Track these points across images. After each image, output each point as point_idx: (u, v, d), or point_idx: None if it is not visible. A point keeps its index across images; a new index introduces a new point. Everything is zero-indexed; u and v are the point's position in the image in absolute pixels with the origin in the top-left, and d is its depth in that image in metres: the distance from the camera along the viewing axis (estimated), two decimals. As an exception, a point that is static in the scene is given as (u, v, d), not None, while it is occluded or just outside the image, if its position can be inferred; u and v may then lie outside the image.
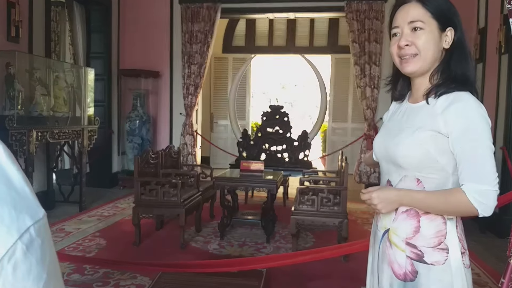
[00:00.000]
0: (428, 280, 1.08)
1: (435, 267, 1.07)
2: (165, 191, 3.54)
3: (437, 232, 1.08)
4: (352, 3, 5.74)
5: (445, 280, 1.07)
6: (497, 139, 4.25)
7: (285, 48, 8.43)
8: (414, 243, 1.10)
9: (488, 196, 0.99)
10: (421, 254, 1.09)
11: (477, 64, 4.86)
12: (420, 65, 1.12)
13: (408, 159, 1.09)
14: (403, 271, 1.11)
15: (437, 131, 1.05)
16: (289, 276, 2.94)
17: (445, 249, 1.08)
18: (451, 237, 1.08)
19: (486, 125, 1.03)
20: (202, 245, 3.64)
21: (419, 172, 1.09)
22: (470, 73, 1.11)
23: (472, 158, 1.02)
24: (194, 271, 2.52)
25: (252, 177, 3.87)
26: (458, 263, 1.08)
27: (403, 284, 1.12)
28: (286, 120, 5.74)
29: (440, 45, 1.11)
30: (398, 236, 1.13)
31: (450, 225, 1.09)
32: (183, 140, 6.22)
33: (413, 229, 1.10)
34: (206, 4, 6.07)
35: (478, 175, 1.00)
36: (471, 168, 1.01)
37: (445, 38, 1.11)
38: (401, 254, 1.12)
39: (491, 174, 1.01)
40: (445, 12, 1.11)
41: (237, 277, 2.60)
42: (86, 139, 4.80)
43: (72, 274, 2.89)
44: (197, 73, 6.17)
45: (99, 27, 6.03)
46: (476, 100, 1.06)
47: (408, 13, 1.11)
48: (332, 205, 3.37)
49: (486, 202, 0.99)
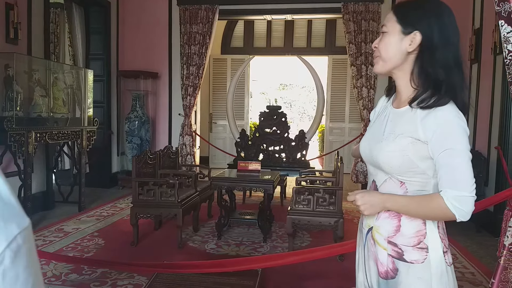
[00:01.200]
0: (408, 277, 1.12)
1: (414, 265, 1.11)
2: (163, 191, 3.58)
3: (417, 231, 1.12)
4: (348, 5, 5.77)
5: (424, 278, 1.11)
6: (492, 139, 4.29)
7: (283, 49, 8.47)
8: (395, 242, 1.14)
9: (465, 202, 1.03)
10: (401, 252, 1.13)
11: (472, 64, 4.90)
12: (381, 65, 1.17)
13: (390, 165, 1.13)
14: (385, 269, 1.16)
15: (417, 138, 1.09)
16: (285, 276, 2.97)
17: (425, 249, 1.12)
18: (432, 237, 1.12)
19: (463, 133, 1.06)
20: (199, 245, 3.68)
21: (401, 176, 1.13)
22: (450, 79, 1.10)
23: (449, 165, 1.05)
24: (189, 271, 2.56)
25: (249, 177, 3.91)
26: (438, 262, 1.11)
27: (385, 282, 1.16)
28: (283, 120, 5.78)
29: (401, 48, 1.13)
30: (381, 234, 1.17)
31: (430, 225, 1.13)
32: (182, 141, 6.26)
33: (394, 228, 1.15)
34: (205, 6, 6.11)
35: (456, 182, 1.04)
36: (448, 175, 1.05)
37: (408, 42, 1.12)
38: (383, 252, 1.16)
39: (468, 181, 1.04)
40: (409, 16, 1.13)
41: (232, 276, 2.63)
42: (85, 139, 4.84)
43: (70, 274, 2.93)
44: (195, 74, 6.21)
45: (98, 28, 6.07)
46: (455, 109, 1.08)
47: (384, 20, 1.20)
48: (328, 204, 3.40)
49: (463, 208, 1.03)
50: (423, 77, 1.13)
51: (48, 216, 4.51)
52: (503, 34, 1.48)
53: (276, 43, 8.56)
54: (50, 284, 2.78)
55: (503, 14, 1.47)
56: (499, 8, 1.47)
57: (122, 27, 6.39)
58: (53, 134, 4.27)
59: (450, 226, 4.44)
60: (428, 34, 1.10)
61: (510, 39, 1.46)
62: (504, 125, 3.98)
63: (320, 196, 3.40)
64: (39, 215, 4.47)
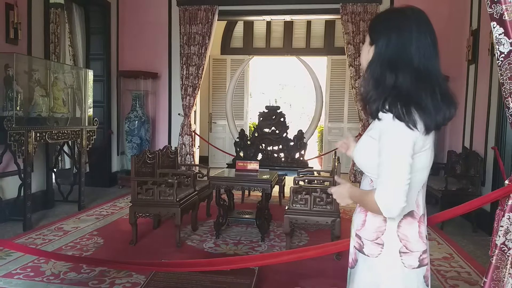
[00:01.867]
0: (362, 268, 1.22)
1: (369, 258, 1.21)
2: (161, 190, 3.60)
3: (377, 227, 1.21)
4: (347, 5, 5.80)
5: (374, 271, 1.20)
6: (488, 140, 4.31)
7: (282, 49, 8.50)
8: (360, 235, 1.25)
9: (388, 199, 1.09)
10: (362, 245, 1.23)
11: (469, 65, 4.92)
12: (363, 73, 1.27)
13: (359, 161, 1.25)
14: (351, 259, 1.29)
15: (372, 137, 1.18)
16: (282, 274, 3.00)
17: (381, 244, 1.19)
18: (389, 235, 1.19)
19: (401, 135, 1.09)
20: (197, 244, 3.70)
21: (369, 173, 1.23)
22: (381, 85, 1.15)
23: (382, 164, 1.12)
24: (186, 270, 2.58)
25: (247, 176, 3.93)
26: (392, 260, 1.18)
27: (349, 270, 1.30)
28: (282, 120, 5.81)
29: (367, 57, 1.23)
30: (354, 227, 1.29)
31: (390, 224, 1.19)
32: (181, 140, 6.29)
33: (362, 222, 1.25)
34: (204, 6, 6.13)
35: (384, 180, 1.10)
36: (380, 172, 1.12)
37: (371, 53, 1.21)
38: (352, 243, 1.29)
39: (396, 181, 1.09)
40: (374, 28, 1.22)
41: (229, 275, 2.66)
42: (85, 139, 4.87)
43: (69, 272, 2.95)
44: (195, 74, 6.23)
45: (98, 28, 6.09)
46: (390, 116, 1.10)
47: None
48: (325, 204, 3.42)
49: (387, 204, 1.09)
50: (364, 84, 1.21)
51: (48, 215, 4.53)
52: (495, 36, 1.50)
53: (275, 44, 8.59)
54: (49, 282, 2.80)
55: (495, 16, 1.49)
56: (491, 10, 1.49)
57: (122, 27, 6.42)
58: (53, 134, 4.29)
59: (447, 226, 4.43)
60: (380, 49, 1.17)
61: (502, 41, 1.49)
62: (501, 126, 4.00)
63: (317, 195, 3.43)
64: (39, 214, 4.50)
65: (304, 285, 2.85)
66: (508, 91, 1.52)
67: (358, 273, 1.22)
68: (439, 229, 4.23)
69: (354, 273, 1.25)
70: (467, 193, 4.24)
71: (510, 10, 1.45)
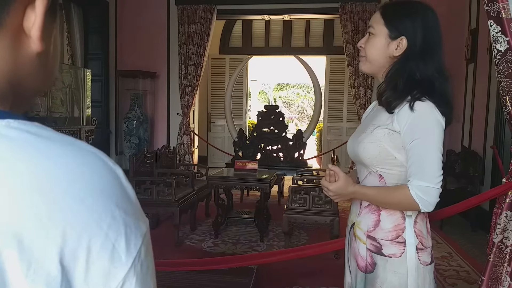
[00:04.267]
0: (385, 271, 1.14)
1: (392, 259, 1.14)
2: (160, 190, 3.60)
3: (395, 226, 1.15)
4: (346, 5, 5.80)
5: (400, 272, 1.13)
6: (487, 138, 4.31)
7: (281, 49, 8.49)
8: (374, 236, 1.17)
9: (429, 193, 1.06)
10: (380, 246, 1.16)
11: (468, 64, 4.92)
12: (367, 67, 1.21)
13: (368, 156, 1.16)
14: (365, 263, 1.18)
15: (392, 129, 1.12)
16: (281, 273, 3.00)
17: (403, 243, 1.14)
18: (409, 232, 1.14)
19: (436, 125, 1.08)
20: (196, 243, 3.70)
21: (380, 168, 1.16)
22: (419, 77, 1.13)
23: (417, 156, 1.08)
24: (183, 269, 2.57)
25: (245, 176, 3.94)
26: (412, 258, 1.14)
27: (364, 275, 1.18)
28: (281, 120, 5.81)
29: (387, 52, 1.17)
30: (361, 229, 1.20)
31: (408, 220, 1.15)
32: (180, 140, 6.28)
33: (374, 222, 1.17)
34: (203, 6, 6.13)
35: (422, 173, 1.07)
36: (416, 165, 1.08)
37: (395, 46, 1.15)
38: (363, 246, 1.19)
39: (435, 172, 1.07)
40: (397, 22, 1.16)
41: (228, 274, 2.65)
42: (83, 139, 4.86)
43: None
44: (193, 73, 6.23)
45: (96, 28, 6.08)
46: (428, 103, 1.09)
47: (371, 19, 1.22)
48: (324, 203, 3.43)
49: (427, 198, 1.06)
50: (388, 78, 1.16)
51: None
52: (492, 34, 1.50)
53: (274, 43, 8.58)
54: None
55: (492, 14, 1.49)
56: (488, 8, 1.49)
57: (120, 26, 6.41)
58: (51, 134, 4.28)
59: (446, 225, 4.42)
60: (414, 41, 1.14)
61: (499, 39, 1.49)
62: (500, 125, 4.01)
63: (316, 195, 3.43)
64: (37, 214, 4.48)
65: (303, 284, 2.85)
66: (506, 90, 1.52)
67: (381, 277, 1.14)
68: (438, 228, 4.23)
69: (374, 277, 1.15)
70: (466, 192, 4.24)
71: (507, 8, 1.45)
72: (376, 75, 1.23)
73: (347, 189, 1.15)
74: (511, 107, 1.53)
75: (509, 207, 1.60)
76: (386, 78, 1.17)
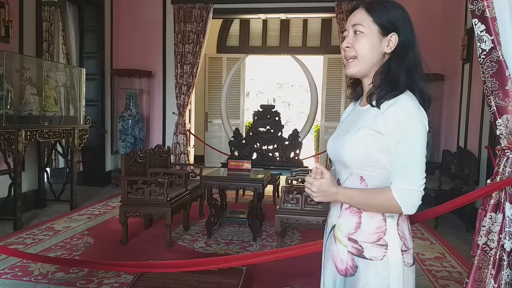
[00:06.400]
0: (367, 274, 1.12)
1: (373, 262, 1.11)
2: (152, 190, 3.57)
3: (376, 228, 1.12)
4: (342, 4, 5.77)
5: (382, 275, 1.11)
6: (482, 139, 4.29)
7: (278, 48, 8.47)
8: (355, 239, 1.14)
9: (412, 195, 1.05)
10: (361, 249, 1.13)
11: (464, 64, 4.90)
12: (359, 67, 1.17)
13: (351, 157, 1.14)
14: (345, 266, 1.16)
15: (377, 131, 1.10)
16: (272, 274, 2.97)
17: (384, 245, 1.12)
18: (391, 234, 1.12)
19: (420, 128, 1.07)
20: (189, 244, 3.68)
21: (362, 169, 1.14)
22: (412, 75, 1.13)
23: (401, 159, 1.06)
24: (172, 270, 2.56)
25: (239, 176, 3.91)
26: (396, 260, 1.11)
27: (344, 279, 1.16)
28: (277, 119, 5.79)
29: (379, 49, 1.14)
30: (342, 231, 1.18)
31: (390, 222, 1.13)
32: (175, 139, 6.26)
33: (355, 225, 1.15)
34: (199, 4, 6.10)
35: (405, 175, 1.05)
36: (399, 167, 1.06)
37: (386, 43, 1.14)
38: (344, 249, 1.16)
39: (418, 175, 1.06)
40: (388, 18, 1.13)
41: (217, 275, 2.63)
42: (77, 138, 4.84)
43: (57, 272, 2.92)
44: (189, 73, 6.20)
45: (92, 26, 6.06)
46: (415, 104, 1.08)
47: (354, 17, 1.17)
48: (316, 203, 3.40)
49: (409, 201, 1.05)
50: (387, 77, 1.14)
51: (39, 215, 4.50)
52: (477, 33, 1.48)
53: (271, 42, 8.56)
54: (36, 282, 2.78)
55: (476, 12, 1.47)
56: (472, 7, 1.47)
57: (116, 25, 6.39)
58: (44, 133, 4.26)
59: (441, 225, 4.39)
60: (404, 36, 1.13)
61: (484, 38, 1.46)
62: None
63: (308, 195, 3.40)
64: (30, 214, 4.47)
65: (293, 285, 2.82)
66: (490, 89, 1.49)
67: (363, 280, 1.12)
68: (432, 229, 4.20)
69: (355, 281, 1.13)
70: (461, 193, 4.21)
71: (492, 7, 1.42)
72: (366, 76, 1.19)
73: (330, 188, 1.12)
74: (495, 107, 1.51)
75: (493, 209, 1.58)
76: (378, 75, 1.14)
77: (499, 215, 1.55)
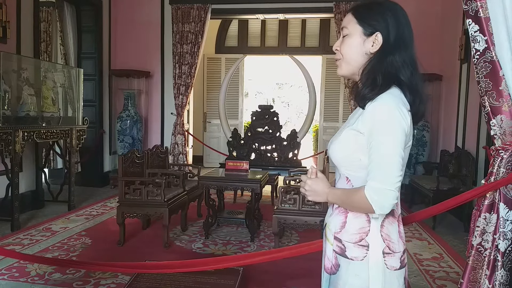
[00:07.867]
0: (347, 274, 1.13)
1: (354, 262, 1.12)
2: (149, 190, 3.57)
3: (360, 228, 1.13)
4: (340, 4, 5.77)
5: (361, 275, 1.11)
6: (480, 139, 4.29)
7: (277, 48, 8.47)
8: (340, 238, 1.16)
9: (383, 194, 1.03)
10: (344, 248, 1.15)
11: (462, 64, 4.90)
12: (345, 68, 1.19)
13: (336, 156, 1.16)
14: (330, 264, 1.18)
15: (358, 130, 1.11)
16: (268, 274, 2.97)
17: (366, 246, 1.12)
18: (373, 236, 1.12)
19: (396, 127, 1.05)
20: (186, 244, 3.68)
21: (347, 170, 1.15)
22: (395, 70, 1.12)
23: (375, 157, 1.06)
24: (169, 271, 2.55)
25: (236, 176, 3.91)
26: (377, 262, 1.11)
27: (329, 277, 1.18)
28: (275, 119, 5.78)
29: (363, 49, 1.15)
30: (330, 230, 1.20)
31: (374, 223, 1.13)
32: (174, 140, 6.25)
33: (341, 224, 1.16)
34: (197, 5, 6.10)
35: (377, 174, 1.04)
36: (373, 166, 1.06)
37: (371, 43, 1.14)
38: (330, 247, 1.18)
39: (391, 174, 1.04)
40: (370, 18, 1.14)
41: (213, 275, 2.63)
42: (74, 138, 4.83)
43: (54, 273, 2.92)
44: (188, 73, 6.20)
45: (90, 27, 6.06)
46: (394, 103, 1.07)
47: (343, 21, 1.20)
48: (314, 204, 3.40)
49: (380, 200, 1.03)
50: (367, 75, 1.14)
51: (37, 215, 4.50)
52: (471, 33, 1.48)
53: (270, 43, 8.55)
54: (33, 283, 2.78)
55: (470, 12, 1.47)
56: (466, 7, 1.47)
57: (114, 26, 6.39)
58: (41, 133, 4.26)
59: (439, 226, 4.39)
60: (388, 35, 1.13)
61: (477, 38, 1.46)
62: (492, 125, 3.97)
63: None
64: (28, 214, 4.47)
65: (290, 285, 2.82)
66: (484, 90, 1.49)
67: (343, 279, 1.13)
68: (430, 229, 4.20)
69: (336, 279, 1.15)
70: (458, 193, 4.20)
71: (485, 7, 1.42)
72: (354, 76, 1.21)
73: (322, 188, 1.15)
74: (489, 107, 1.51)
75: (487, 209, 1.58)
76: (363, 75, 1.15)
77: (494, 215, 1.55)
